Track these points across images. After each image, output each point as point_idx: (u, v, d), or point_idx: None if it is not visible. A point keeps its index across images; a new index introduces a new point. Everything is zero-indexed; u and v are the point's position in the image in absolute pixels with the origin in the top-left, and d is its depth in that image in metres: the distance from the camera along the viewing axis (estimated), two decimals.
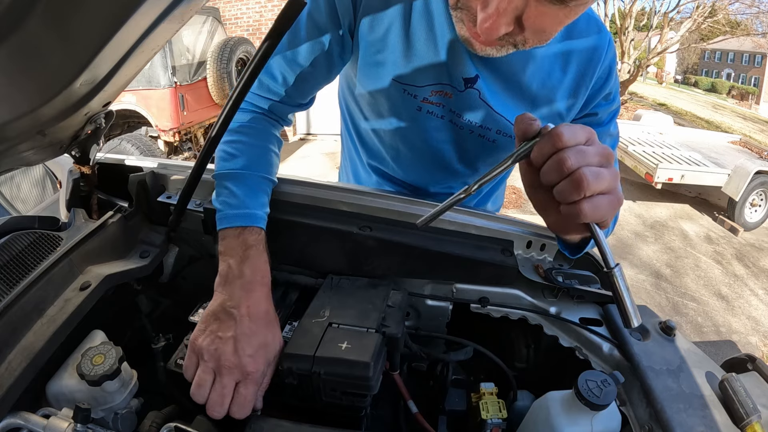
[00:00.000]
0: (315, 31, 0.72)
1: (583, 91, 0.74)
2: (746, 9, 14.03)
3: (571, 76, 0.73)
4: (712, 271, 4.53)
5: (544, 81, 0.73)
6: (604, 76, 0.74)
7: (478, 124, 0.78)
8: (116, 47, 0.46)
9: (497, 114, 0.76)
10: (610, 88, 0.75)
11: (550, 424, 0.56)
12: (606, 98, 0.76)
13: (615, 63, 0.75)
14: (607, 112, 0.78)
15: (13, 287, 0.58)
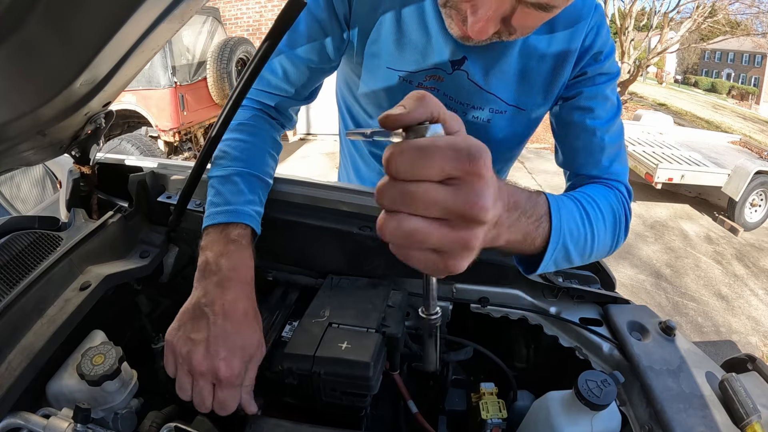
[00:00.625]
0: (314, 24, 0.74)
1: (571, 54, 0.73)
2: (746, 9, 14.03)
3: (558, 41, 0.73)
4: (712, 271, 4.53)
5: (530, 52, 0.74)
6: (592, 35, 0.73)
7: (470, 105, 0.79)
8: (116, 47, 0.46)
9: (486, 92, 0.77)
10: (600, 47, 0.73)
11: (550, 424, 0.56)
12: (596, 58, 0.74)
13: (604, 24, 0.74)
14: (597, 72, 0.74)
15: (13, 287, 0.58)
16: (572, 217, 0.57)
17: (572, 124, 0.76)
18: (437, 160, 0.29)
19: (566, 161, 0.80)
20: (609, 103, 0.75)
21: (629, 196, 0.74)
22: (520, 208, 0.45)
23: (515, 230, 0.44)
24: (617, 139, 0.76)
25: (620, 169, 0.76)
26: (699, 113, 15.06)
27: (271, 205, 0.76)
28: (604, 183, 0.73)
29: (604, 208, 0.65)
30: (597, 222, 0.62)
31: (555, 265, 0.57)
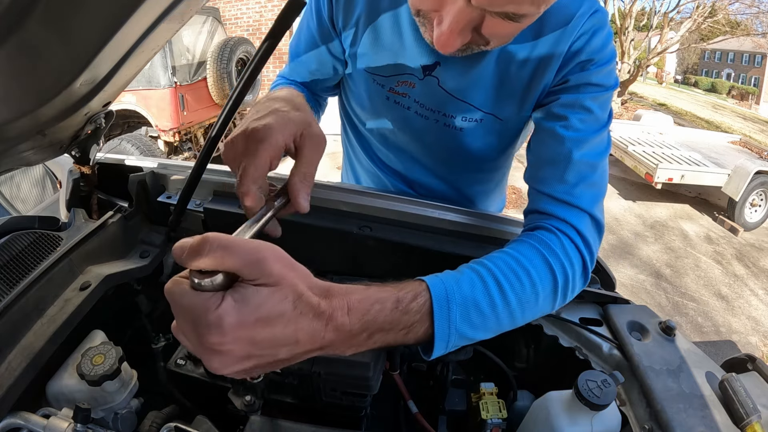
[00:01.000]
0: (307, 32, 0.79)
1: (555, 59, 0.66)
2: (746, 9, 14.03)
3: (542, 45, 0.66)
4: (712, 271, 4.53)
5: (509, 57, 0.68)
6: (583, 40, 0.65)
7: (442, 113, 0.76)
8: (116, 47, 0.46)
9: (458, 100, 0.73)
10: (590, 55, 0.65)
11: (550, 424, 0.56)
12: (583, 66, 0.65)
13: (602, 32, 0.65)
14: (583, 82, 0.65)
15: (13, 287, 0.58)
16: (473, 303, 0.50)
17: (541, 131, 0.68)
18: (180, 317, 0.36)
19: (530, 173, 0.69)
20: (589, 116, 0.65)
21: (590, 236, 0.62)
22: (374, 327, 0.43)
23: (371, 344, 0.44)
24: (592, 159, 0.64)
25: (587, 195, 0.63)
26: (699, 113, 15.06)
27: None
28: (547, 228, 0.61)
29: (534, 273, 0.55)
30: (519, 294, 0.54)
31: (456, 347, 0.51)
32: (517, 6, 0.47)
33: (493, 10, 0.48)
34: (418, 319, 0.47)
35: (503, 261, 0.55)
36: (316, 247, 0.78)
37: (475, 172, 0.91)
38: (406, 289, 0.47)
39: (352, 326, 0.41)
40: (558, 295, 0.58)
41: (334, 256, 0.77)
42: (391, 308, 0.44)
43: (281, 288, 0.36)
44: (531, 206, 0.66)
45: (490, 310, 0.51)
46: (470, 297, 0.50)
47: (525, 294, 0.54)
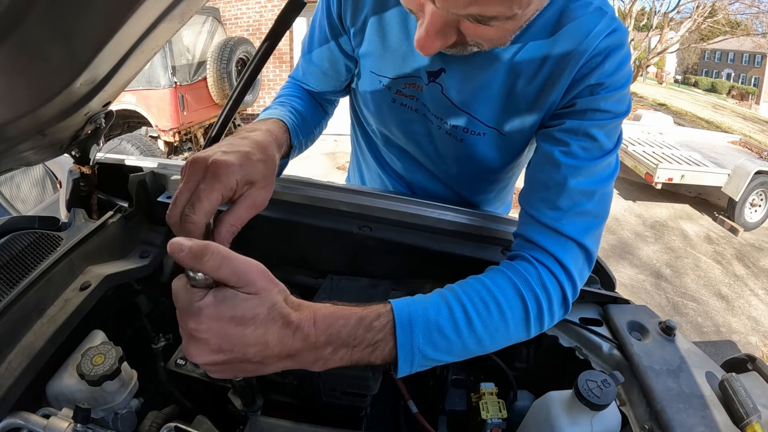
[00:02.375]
0: (320, 30, 0.78)
1: (563, 79, 0.63)
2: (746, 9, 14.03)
3: (552, 61, 0.63)
4: (712, 271, 4.53)
5: (520, 71, 0.65)
6: (595, 62, 0.61)
7: (444, 120, 0.74)
8: (116, 47, 0.46)
9: (461, 110, 0.71)
10: (600, 78, 0.61)
11: (550, 424, 0.56)
12: (592, 90, 0.61)
13: (618, 54, 0.61)
14: (590, 107, 0.62)
15: (13, 287, 0.58)
16: (436, 327, 0.51)
17: (541, 153, 0.65)
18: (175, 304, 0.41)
19: (523, 194, 0.66)
20: (592, 144, 0.61)
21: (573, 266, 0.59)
22: (339, 342, 0.46)
23: (337, 360, 0.46)
24: (590, 187, 0.60)
25: (577, 223, 0.60)
26: (699, 113, 15.07)
27: (271, 205, 0.76)
28: (526, 258, 0.60)
29: (504, 301, 0.55)
30: (486, 321, 0.54)
31: (423, 367, 0.52)
32: (482, 8, 0.44)
33: (457, 12, 0.47)
34: (381, 337, 0.48)
35: (473, 288, 0.56)
36: (316, 247, 0.78)
37: (478, 182, 0.90)
38: (370, 309, 0.50)
39: (317, 338, 0.44)
40: (531, 325, 0.57)
41: (334, 256, 0.77)
42: (354, 324, 0.47)
43: (259, 297, 0.41)
44: (519, 229, 0.64)
45: (454, 335, 0.52)
46: (434, 320, 0.51)
47: (492, 321, 0.54)
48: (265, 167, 0.55)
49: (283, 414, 0.59)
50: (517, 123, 0.70)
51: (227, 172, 0.49)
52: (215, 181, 0.48)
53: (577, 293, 0.61)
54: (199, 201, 0.47)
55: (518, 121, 0.70)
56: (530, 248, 0.61)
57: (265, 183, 0.54)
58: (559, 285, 0.59)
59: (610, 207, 0.65)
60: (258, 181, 0.53)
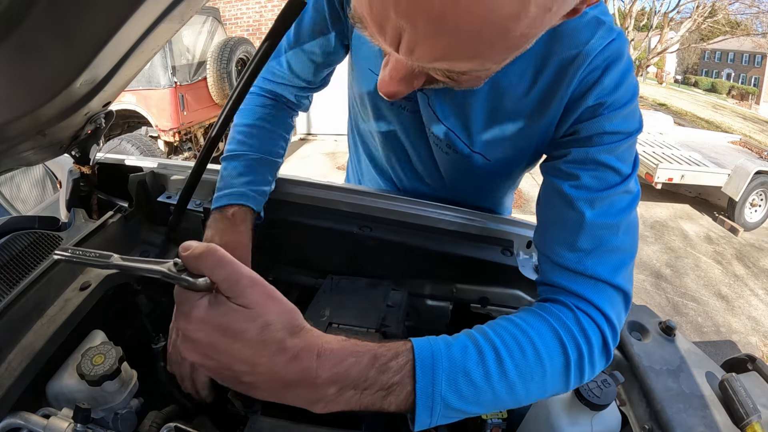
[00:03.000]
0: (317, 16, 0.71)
1: (557, 101, 0.56)
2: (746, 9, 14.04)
3: (542, 84, 0.56)
4: (712, 271, 4.53)
5: (502, 92, 0.59)
6: (591, 78, 0.54)
7: (432, 132, 0.70)
8: (116, 47, 0.46)
9: (444, 126, 0.66)
10: (601, 97, 0.54)
11: (550, 424, 0.56)
12: (594, 111, 0.54)
13: (618, 65, 0.54)
14: (596, 132, 0.55)
15: (13, 287, 0.58)
16: (462, 371, 0.45)
17: (549, 187, 0.58)
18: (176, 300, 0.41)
19: (539, 235, 0.60)
20: (605, 172, 0.55)
21: (612, 311, 0.53)
22: (346, 382, 0.41)
23: (342, 403, 0.42)
24: (611, 219, 0.54)
25: (606, 262, 0.54)
26: (699, 113, 15.06)
27: (271, 205, 0.76)
28: (562, 302, 0.54)
29: (541, 345, 0.49)
30: (521, 366, 0.47)
31: (446, 419, 0.45)
32: (451, 64, 0.36)
33: (423, 65, 0.37)
34: (398, 380, 0.42)
35: (505, 329, 0.49)
36: (316, 247, 0.78)
37: (470, 193, 0.85)
38: (387, 347, 0.44)
39: (319, 374, 0.40)
40: (572, 375, 0.50)
41: (334, 256, 0.77)
42: (366, 363, 0.42)
43: (251, 311, 0.38)
44: (542, 277, 0.58)
45: (483, 382, 0.45)
46: (460, 364, 0.45)
47: (528, 368, 0.47)
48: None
49: (283, 414, 0.59)
50: (504, 149, 0.65)
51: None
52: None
53: (617, 339, 0.54)
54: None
55: (506, 148, 0.64)
56: (562, 294, 0.55)
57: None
58: (600, 331, 0.52)
59: (638, 238, 0.58)
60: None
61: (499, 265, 0.74)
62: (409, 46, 0.33)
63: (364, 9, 0.34)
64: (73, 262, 0.39)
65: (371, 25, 0.35)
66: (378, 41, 0.36)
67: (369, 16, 0.34)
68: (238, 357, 0.39)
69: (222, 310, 0.38)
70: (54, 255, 0.39)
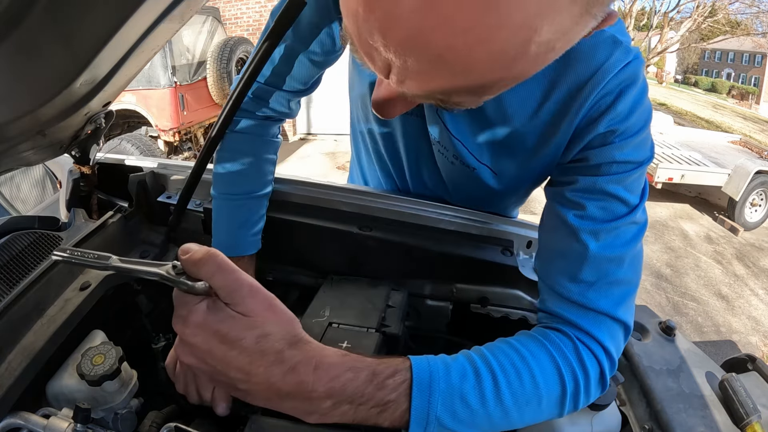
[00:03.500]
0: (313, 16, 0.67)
1: (565, 125, 0.55)
2: (746, 9, 14.04)
3: (552, 105, 0.55)
4: (712, 271, 4.53)
5: (513, 112, 0.58)
6: (604, 103, 0.52)
7: (437, 140, 0.68)
8: (116, 47, 0.46)
9: (453, 137, 0.64)
10: (613, 124, 0.51)
11: (550, 424, 0.56)
12: (604, 139, 0.52)
13: (632, 90, 0.51)
14: (605, 160, 0.52)
15: (13, 287, 0.58)
16: (459, 395, 0.45)
17: (553, 216, 0.57)
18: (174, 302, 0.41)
19: (540, 261, 0.59)
20: (612, 203, 0.53)
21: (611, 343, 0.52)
22: (342, 396, 0.41)
23: (337, 416, 0.42)
24: (616, 252, 0.52)
25: (608, 295, 0.53)
26: (699, 113, 15.06)
27: (271, 205, 0.76)
28: (562, 331, 0.53)
29: (539, 372, 0.49)
30: (517, 393, 0.47)
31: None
32: (445, 96, 0.34)
33: (413, 93, 0.35)
34: (394, 398, 0.43)
35: (505, 354, 0.49)
36: (316, 247, 0.78)
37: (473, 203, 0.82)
38: (386, 364, 0.44)
39: (315, 387, 0.40)
40: (567, 404, 0.50)
41: (334, 256, 0.77)
42: (364, 380, 0.42)
43: (249, 320, 0.39)
44: (542, 305, 0.57)
45: (479, 406, 0.46)
46: (458, 387, 0.45)
47: (524, 394, 0.48)
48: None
49: (283, 414, 0.59)
50: (513, 166, 0.64)
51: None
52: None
53: (615, 370, 0.54)
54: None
55: (515, 165, 0.63)
56: (563, 324, 0.54)
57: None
58: (598, 362, 0.52)
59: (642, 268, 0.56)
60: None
61: (499, 265, 0.74)
62: (400, 78, 0.31)
63: (354, 34, 0.32)
64: (71, 263, 0.39)
65: (360, 51, 0.33)
66: (366, 66, 0.34)
67: (358, 42, 0.32)
68: (234, 365, 0.39)
69: (220, 316, 0.39)
70: (52, 256, 0.39)
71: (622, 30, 0.53)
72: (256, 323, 0.39)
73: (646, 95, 0.54)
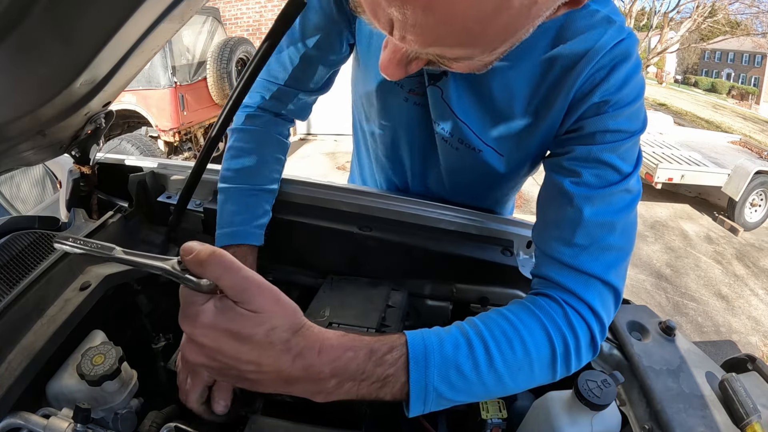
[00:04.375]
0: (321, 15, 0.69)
1: (561, 99, 0.58)
2: (746, 9, 14.04)
3: (549, 82, 0.58)
4: (712, 271, 4.53)
5: (510, 89, 0.60)
6: (598, 76, 0.55)
7: (442, 126, 0.70)
8: (116, 47, 0.46)
9: (459, 119, 0.66)
10: (606, 95, 0.55)
11: (550, 424, 0.56)
12: (598, 109, 0.56)
13: (625, 65, 0.54)
14: (599, 129, 0.56)
15: (13, 287, 0.58)
16: (454, 365, 0.48)
17: (550, 183, 0.60)
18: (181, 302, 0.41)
19: (537, 230, 0.62)
20: (606, 170, 0.56)
21: (600, 306, 0.55)
22: (345, 375, 0.44)
23: (342, 393, 0.44)
24: (609, 217, 0.55)
25: (600, 259, 0.55)
26: (699, 113, 15.06)
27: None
28: (551, 297, 0.56)
29: (530, 340, 0.52)
30: (510, 361, 0.50)
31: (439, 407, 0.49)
32: (442, 50, 0.37)
33: (415, 50, 0.39)
34: (392, 372, 0.46)
35: (496, 323, 0.52)
36: (316, 247, 0.78)
37: (473, 194, 0.85)
38: (382, 341, 0.47)
39: (321, 369, 0.43)
40: (558, 367, 0.53)
41: (334, 256, 0.77)
42: (363, 357, 0.45)
43: (259, 317, 0.40)
44: (536, 269, 0.60)
45: (473, 374, 0.48)
46: (452, 358, 0.48)
47: (516, 361, 0.50)
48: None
49: (283, 414, 0.59)
50: (515, 144, 0.66)
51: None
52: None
53: (605, 334, 0.57)
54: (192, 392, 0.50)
55: (517, 142, 0.66)
56: (553, 288, 0.57)
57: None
58: (587, 326, 0.55)
59: (635, 237, 0.59)
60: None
61: (499, 265, 0.74)
62: (401, 32, 0.34)
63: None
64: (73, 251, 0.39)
65: (367, 11, 0.36)
66: (374, 25, 0.37)
67: (364, 2, 0.35)
68: (245, 359, 0.40)
69: (230, 315, 0.39)
70: (54, 243, 0.38)
71: (616, 11, 0.56)
72: (265, 319, 0.40)
73: (639, 71, 0.57)
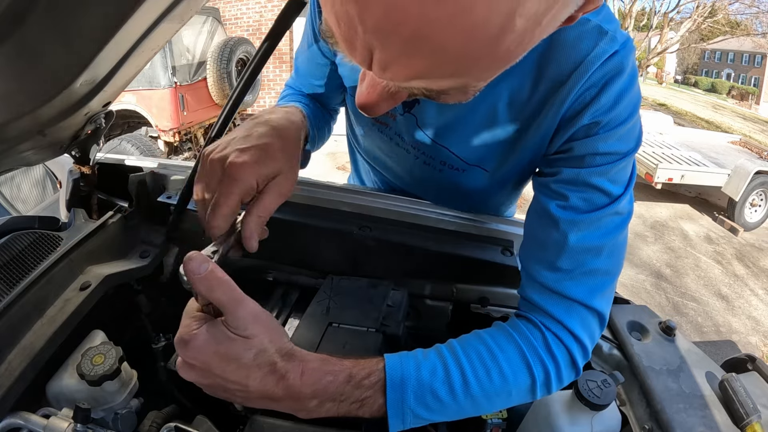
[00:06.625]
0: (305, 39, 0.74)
1: (549, 118, 0.54)
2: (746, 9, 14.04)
3: (536, 100, 0.55)
4: (712, 271, 4.53)
5: (495, 106, 0.58)
6: (588, 95, 0.51)
7: (422, 151, 0.69)
8: (116, 47, 0.46)
9: (438, 144, 0.66)
10: (597, 116, 0.51)
11: (550, 424, 0.56)
12: (588, 131, 0.52)
13: (618, 81, 0.50)
14: (589, 152, 0.52)
15: (13, 287, 0.58)
16: (429, 390, 0.49)
17: (537, 205, 0.58)
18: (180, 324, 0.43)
19: (523, 249, 0.60)
20: (595, 194, 0.52)
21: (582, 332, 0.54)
22: (325, 396, 0.46)
23: (323, 412, 0.47)
24: (595, 242, 0.53)
25: (583, 284, 0.54)
26: (699, 113, 15.06)
27: None
28: (532, 321, 0.55)
29: (507, 367, 0.51)
30: (486, 387, 0.51)
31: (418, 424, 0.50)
32: (429, 83, 0.31)
33: (399, 84, 0.33)
34: (370, 395, 0.48)
35: (474, 349, 0.52)
36: (316, 247, 0.78)
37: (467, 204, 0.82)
38: (361, 365, 0.49)
39: (302, 390, 0.45)
40: (538, 392, 0.53)
41: (334, 256, 0.77)
42: (342, 381, 0.47)
43: (247, 341, 0.42)
44: (522, 290, 0.59)
45: (449, 398, 0.50)
46: (428, 384, 0.49)
47: (493, 387, 0.51)
48: (285, 156, 0.51)
49: (283, 414, 0.59)
50: (502, 162, 0.64)
51: (244, 175, 0.47)
52: (233, 184, 0.47)
53: (588, 355, 0.56)
54: (219, 207, 0.47)
55: (503, 161, 0.64)
56: (535, 312, 0.56)
57: (288, 171, 0.51)
58: (567, 351, 0.54)
59: (624, 259, 0.57)
60: (280, 172, 0.51)
61: (499, 265, 0.74)
62: (381, 65, 0.30)
63: (333, 24, 0.30)
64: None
65: (340, 41, 0.31)
66: (347, 58, 0.33)
67: (337, 32, 0.30)
68: (232, 379, 0.42)
69: (220, 338, 0.42)
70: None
71: (609, 17, 0.52)
72: (254, 343, 0.42)
73: (634, 85, 0.52)
